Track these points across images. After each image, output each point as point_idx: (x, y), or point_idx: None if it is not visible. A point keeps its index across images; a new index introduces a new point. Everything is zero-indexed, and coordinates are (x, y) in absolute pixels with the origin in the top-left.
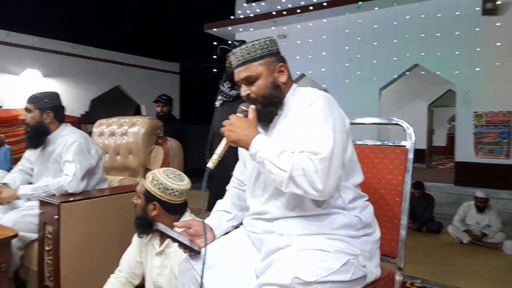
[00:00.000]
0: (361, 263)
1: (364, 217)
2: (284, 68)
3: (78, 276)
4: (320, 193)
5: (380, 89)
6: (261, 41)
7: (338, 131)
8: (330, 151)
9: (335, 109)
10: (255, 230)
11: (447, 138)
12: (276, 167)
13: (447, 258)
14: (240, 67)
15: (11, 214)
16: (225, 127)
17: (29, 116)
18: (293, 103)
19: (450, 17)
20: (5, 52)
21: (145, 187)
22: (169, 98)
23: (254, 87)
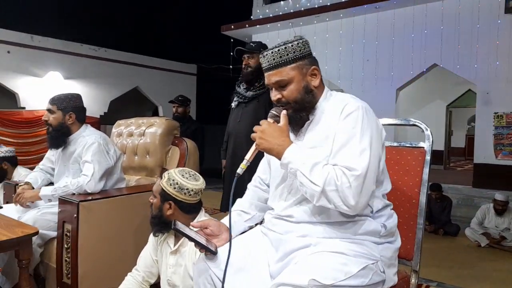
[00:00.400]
0: (380, 268)
1: (389, 225)
2: (317, 71)
3: (95, 274)
4: (351, 209)
5: (398, 89)
6: (294, 44)
7: (374, 145)
8: (366, 167)
9: (373, 121)
10: (276, 229)
11: (466, 139)
12: (309, 181)
13: (464, 261)
14: (271, 71)
15: (31, 212)
16: (256, 133)
17: (52, 117)
18: (326, 108)
19: (470, 16)
20: (29, 55)
21: (161, 187)
22: (185, 99)
23: (286, 91)
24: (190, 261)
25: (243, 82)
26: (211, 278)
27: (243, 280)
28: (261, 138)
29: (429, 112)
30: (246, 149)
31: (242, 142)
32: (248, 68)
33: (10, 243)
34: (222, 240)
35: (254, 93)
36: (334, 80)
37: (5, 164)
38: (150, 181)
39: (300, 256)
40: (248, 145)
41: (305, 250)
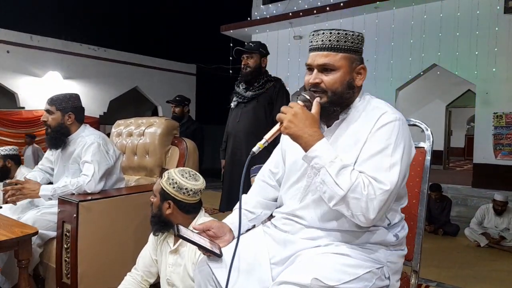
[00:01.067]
0: (386, 274)
1: (401, 235)
2: (364, 71)
3: (94, 274)
4: (367, 221)
5: (397, 89)
6: (355, 34)
7: (404, 160)
8: (395, 183)
9: (407, 136)
10: (285, 228)
11: (466, 139)
12: (334, 182)
13: (464, 261)
14: (321, 51)
15: (31, 212)
16: (285, 115)
17: (51, 118)
18: (360, 111)
19: (469, 16)
20: (29, 54)
21: (161, 186)
22: (182, 99)
23: (328, 78)
24: (189, 261)
25: (242, 82)
26: (213, 280)
27: (245, 281)
28: (291, 122)
29: (429, 112)
30: (245, 149)
31: (242, 142)
32: (247, 68)
33: (9, 243)
34: (225, 241)
35: (253, 93)
36: None
37: (9, 162)
38: (150, 181)
39: (305, 255)
40: (247, 145)
41: (311, 249)
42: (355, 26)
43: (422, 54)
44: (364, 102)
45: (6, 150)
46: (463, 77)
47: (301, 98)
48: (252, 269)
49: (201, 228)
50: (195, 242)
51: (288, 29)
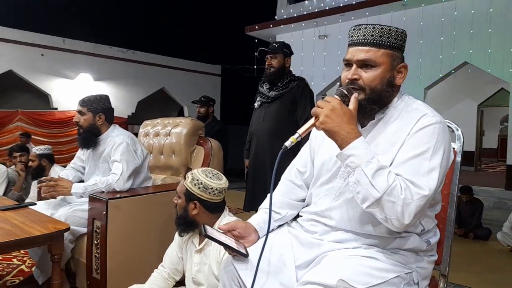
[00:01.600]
0: (415, 280)
1: (433, 241)
2: (405, 70)
3: (123, 270)
4: (400, 226)
5: (426, 88)
6: (398, 30)
7: (443, 165)
8: (434, 189)
9: (447, 140)
10: (313, 229)
11: (499, 140)
12: (369, 183)
13: (495, 266)
14: (363, 46)
15: (63, 209)
16: (322, 109)
17: (82, 119)
18: (399, 111)
19: (503, 12)
20: (61, 57)
21: (186, 187)
22: (208, 99)
23: (368, 74)
24: (214, 260)
25: (266, 82)
26: (238, 280)
27: (270, 282)
28: (328, 117)
29: (459, 112)
30: (268, 149)
31: (265, 142)
32: (271, 68)
33: (43, 238)
34: (250, 241)
35: (277, 93)
36: None
37: (44, 161)
38: (176, 180)
39: (331, 256)
40: (271, 144)
41: (338, 251)
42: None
43: (453, 51)
44: (402, 103)
45: (41, 149)
46: (496, 75)
47: (338, 92)
48: (277, 271)
49: (227, 228)
50: (221, 242)
51: (313, 28)
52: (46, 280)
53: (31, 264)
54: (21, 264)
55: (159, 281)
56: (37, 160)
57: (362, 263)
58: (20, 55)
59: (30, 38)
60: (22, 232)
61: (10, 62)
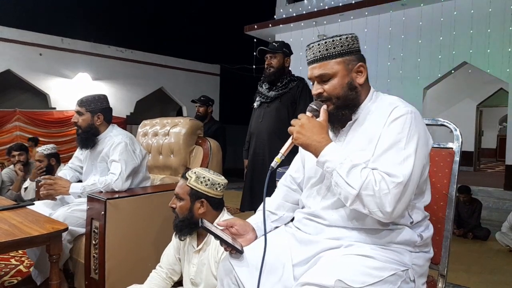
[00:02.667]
0: (411, 277)
1: (425, 235)
2: (364, 68)
3: (121, 270)
4: (386, 216)
5: (425, 88)
6: (342, 38)
7: (419, 152)
8: (408, 175)
9: (421, 128)
10: (306, 230)
11: (498, 139)
12: (345, 182)
13: (495, 266)
14: (314, 64)
15: (62, 209)
16: (294, 127)
17: (81, 119)
18: (372, 110)
19: (502, 11)
20: (60, 57)
21: (190, 187)
22: (207, 99)
23: (328, 86)
24: (213, 260)
25: (266, 82)
26: (235, 278)
27: (268, 281)
28: (299, 133)
29: (458, 112)
30: (267, 149)
31: (264, 142)
32: (270, 68)
33: (41, 238)
34: (247, 240)
35: (277, 93)
36: None
37: (53, 160)
38: (174, 180)
39: (328, 256)
40: (270, 145)
41: (334, 251)
42: (381, 24)
43: (452, 51)
44: (375, 100)
45: (48, 149)
46: (495, 75)
47: (308, 109)
48: (275, 269)
49: (225, 225)
50: (217, 235)
51: (312, 28)
52: (44, 280)
53: (29, 264)
54: (19, 264)
55: (158, 281)
56: (46, 160)
57: (358, 263)
58: (18, 55)
59: (28, 38)
60: (20, 232)
61: (8, 62)
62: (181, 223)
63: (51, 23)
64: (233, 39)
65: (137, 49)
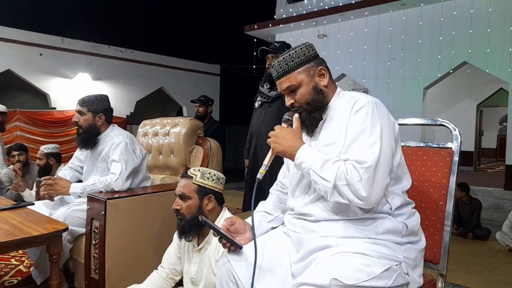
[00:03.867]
0: (404, 270)
1: (410, 224)
2: (324, 70)
3: (122, 270)
4: (364, 201)
5: (425, 88)
6: (297, 50)
7: (385, 137)
8: (376, 159)
9: (384, 114)
10: (296, 229)
11: (498, 139)
12: (320, 177)
13: (495, 266)
14: (280, 79)
15: (62, 209)
16: (271, 138)
17: (82, 119)
18: (338, 106)
19: (502, 11)
20: (60, 57)
21: (197, 184)
22: (206, 99)
23: (297, 95)
24: (213, 258)
25: (267, 82)
26: (233, 277)
27: (266, 280)
28: (275, 142)
29: (458, 112)
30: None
31: (265, 142)
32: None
33: (42, 238)
34: (245, 238)
35: (278, 93)
36: (359, 79)
37: (51, 160)
38: (175, 180)
39: (321, 256)
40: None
41: (326, 250)
42: (381, 24)
43: (452, 51)
44: (342, 98)
45: (49, 148)
46: (495, 75)
47: (283, 120)
48: (273, 268)
49: (227, 223)
50: (217, 229)
51: (312, 28)
52: (44, 280)
53: (29, 264)
54: (19, 264)
55: (158, 281)
56: (45, 159)
57: (352, 260)
58: (19, 55)
59: (28, 38)
60: (20, 232)
61: (8, 62)
62: (189, 223)
63: (51, 23)
64: (233, 39)
65: (137, 49)
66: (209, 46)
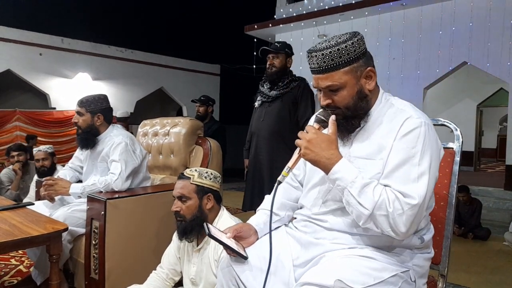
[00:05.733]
0: (412, 278)
1: (426, 238)
2: (373, 73)
3: (121, 270)
4: (400, 235)
5: (425, 88)
6: (348, 44)
7: (433, 169)
8: (423, 196)
9: (434, 140)
10: (307, 230)
11: (498, 139)
12: (357, 202)
13: (495, 266)
14: (320, 74)
15: (62, 209)
16: (302, 141)
17: (81, 119)
18: (380, 115)
19: (502, 11)
20: (60, 57)
21: (196, 184)
22: (207, 99)
23: (337, 96)
24: (212, 258)
25: (267, 82)
26: (235, 280)
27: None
28: (307, 149)
29: (458, 112)
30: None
31: (265, 141)
32: (272, 68)
33: (42, 238)
34: (249, 242)
35: (278, 93)
36: None
37: (55, 159)
38: (174, 180)
39: (329, 257)
40: (271, 144)
41: (335, 252)
42: (381, 24)
43: (452, 52)
44: (386, 104)
45: (50, 148)
46: (495, 75)
47: (316, 119)
48: (275, 270)
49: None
50: (223, 242)
51: (312, 28)
52: (44, 280)
53: (29, 265)
54: (19, 265)
55: (157, 281)
56: (50, 158)
57: (359, 263)
58: (18, 55)
59: (28, 38)
60: (20, 232)
61: (8, 62)
62: (191, 224)
63: (51, 23)
64: (233, 39)
65: (137, 49)
66: (209, 46)
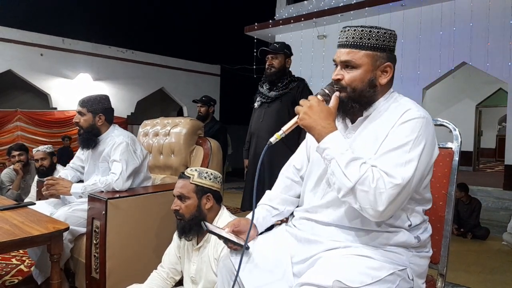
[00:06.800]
0: (409, 276)
1: (423, 237)
2: (390, 69)
3: (122, 269)
4: (376, 214)
5: (424, 88)
6: (380, 31)
7: (423, 160)
8: (407, 179)
9: (430, 135)
10: (304, 228)
11: (497, 140)
12: (342, 173)
13: (494, 266)
14: (345, 48)
15: (63, 209)
16: (302, 107)
17: (82, 120)
18: (385, 108)
19: (502, 11)
20: (61, 57)
21: (195, 183)
22: (208, 99)
23: (349, 75)
24: (212, 257)
25: (266, 82)
26: (234, 274)
27: (267, 278)
28: (306, 114)
29: (458, 112)
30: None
31: (264, 142)
32: (271, 69)
33: (43, 237)
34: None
35: (277, 93)
36: None
37: (55, 158)
38: (175, 180)
39: (326, 257)
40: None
41: (332, 251)
42: (381, 24)
43: (451, 52)
44: (390, 100)
45: (50, 148)
46: (494, 75)
47: (320, 92)
48: (274, 267)
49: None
50: (223, 236)
51: (312, 28)
52: (45, 279)
53: (30, 264)
54: (20, 264)
55: (158, 281)
56: (49, 158)
57: (357, 263)
58: (20, 55)
59: (29, 38)
60: (21, 232)
61: (9, 62)
62: (189, 223)
63: (52, 23)
64: (233, 39)
65: (138, 49)
66: (209, 47)
